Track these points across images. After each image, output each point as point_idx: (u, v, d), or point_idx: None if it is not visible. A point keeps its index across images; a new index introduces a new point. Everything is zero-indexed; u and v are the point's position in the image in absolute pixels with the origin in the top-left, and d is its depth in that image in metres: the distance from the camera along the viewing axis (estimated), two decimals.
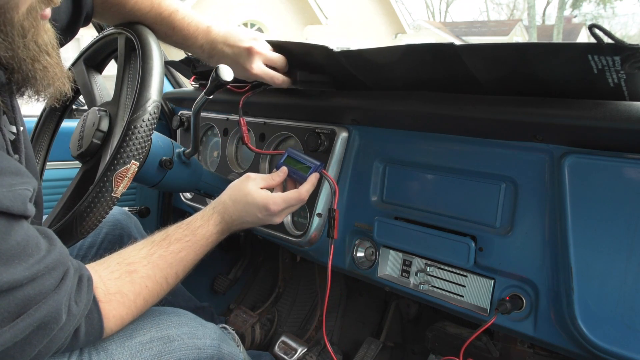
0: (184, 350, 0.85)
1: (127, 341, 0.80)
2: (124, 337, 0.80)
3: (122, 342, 0.80)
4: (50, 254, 0.64)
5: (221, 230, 0.96)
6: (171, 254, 0.86)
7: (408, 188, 1.03)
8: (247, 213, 0.98)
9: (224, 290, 1.83)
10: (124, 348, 0.79)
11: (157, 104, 0.87)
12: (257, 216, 0.98)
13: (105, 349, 0.78)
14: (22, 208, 0.60)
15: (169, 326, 0.86)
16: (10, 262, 0.57)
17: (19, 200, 0.59)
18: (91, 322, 0.72)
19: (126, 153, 0.83)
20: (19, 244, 0.59)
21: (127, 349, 0.79)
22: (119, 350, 0.78)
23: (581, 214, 0.77)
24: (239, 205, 0.98)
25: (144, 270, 0.81)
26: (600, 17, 20.35)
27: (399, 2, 16.99)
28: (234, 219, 0.97)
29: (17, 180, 0.60)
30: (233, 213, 0.97)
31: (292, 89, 1.16)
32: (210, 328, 0.92)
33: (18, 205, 0.59)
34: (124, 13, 1.00)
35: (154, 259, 0.84)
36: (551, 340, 0.84)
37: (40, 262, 0.61)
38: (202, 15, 1.07)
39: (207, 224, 0.95)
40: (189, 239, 0.91)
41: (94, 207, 0.83)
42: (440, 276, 1.00)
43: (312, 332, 1.59)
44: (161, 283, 0.84)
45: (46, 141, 1.15)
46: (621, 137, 0.73)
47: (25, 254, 0.60)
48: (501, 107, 0.83)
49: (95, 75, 1.11)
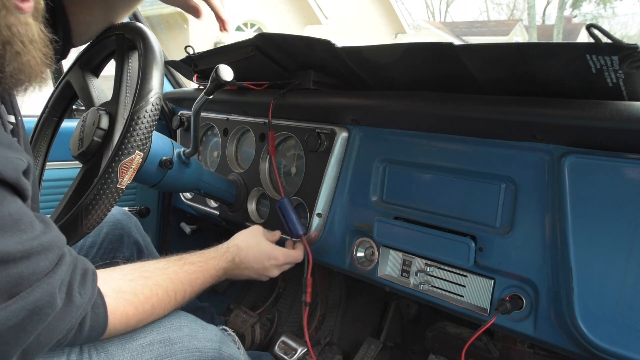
0: (185, 353, 0.85)
1: (128, 343, 0.80)
2: (124, 339, 0.80)
3: (123, 344, 0.80)
4: (46, 235, 0.63)
5: (228, 269, 1.03)
6: (184, 273, 0.91)
7: (408, 188, 1.03)
8: (255, 260, 1.08)
9: (223, 290, 1.83)
10: (124, 350, 0.79)
11: (159, 95, 0.88)
12: (263, 264, 1.09)
13: (106, 350, 0.78)
14: (14, 175, 0.58)
15: (170, 329, 0.86)
16: (1, 233, 0.56)
17: (10, 167, 0.58)
18: (96, 316, 0.71)
19: (130, 144, 0.84)
20: (12, 215, 0.58)
21: (128, 351, 0.79)
22: (119, 352, 0.78)
23: (581, 214, 0.77)
24: (251, 250, 1.08)
25: (158, 279, 0.85)
26: (600, 17, 20.35)
27: (399, 2, 17.02)
28: (243, 262, 1.06)
29: (10, 153, 0.59)
30: (244, 257, 1.06)
31: (292, 89, 1.16)
32: (210, 330, 0.93)
33: (10, 172, 0.57)
34: None
35: (168, 272, 0.88)
36: (551, 340, 0.84)
37: (34, 240, 0.60)
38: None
39: (219, 258, 1.02)
40: (202, 265, 0.96)
41: (99, 199, 0.83)
42: (440, 276, 1.00)
43: (312, 332, 1.59)
44: (171, 296, 0.86)
45: (45, 142, 1.15)
46: (621, 137, 0.73)
47: (18, 229, 0.58)
48: (501, 107, 0.83)
49: (92, 78, 1.11)
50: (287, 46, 1.09)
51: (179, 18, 10.88)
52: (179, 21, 10.99)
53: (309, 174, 1.19)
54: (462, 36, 19.61)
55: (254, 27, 12.57)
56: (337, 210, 1.14)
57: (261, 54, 1.13)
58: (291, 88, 1.17)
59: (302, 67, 1.16)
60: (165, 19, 10.93)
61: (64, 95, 1.15)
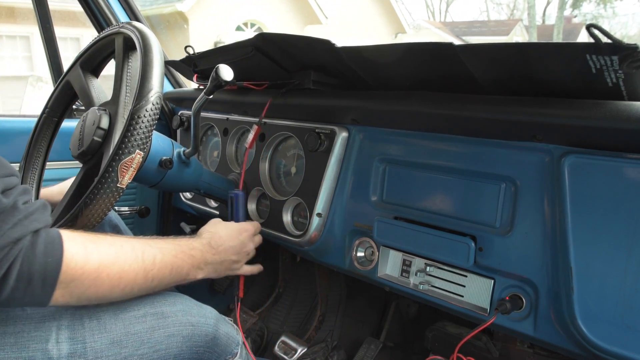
0: (177, 326, 0.86)
1: (121, 313, 0.81)
2: (118, 309, 0.81)
3: (116, 314, 0.81)
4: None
5: (205, 251, 1.00)
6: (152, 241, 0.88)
7: (408, 188, 1.03)
8: (229, 237, 1.07)
9: (223, 290, 1.83)
10: (117, 319, 0.80)
11: (159, 94, 0.88)
12: (238, 239, 1.09)
13: (99, 318, 0.79)
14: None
15: (164, 304, 0.87)
16: None
17: None
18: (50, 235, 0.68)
19: (131, 143, 0.84)
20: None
21: (121, 321, 0.80)
22: (112, 321, 0.79)
23: (581, 213, 0.77)
24: (222, 231, 1.07)
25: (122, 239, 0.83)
26: (601, 17, 20.33)
27: (399, 2, 17.01)
28: (219, 243, 1.04)
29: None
30: (218, 239, 1.04)
31: (292, 89, 1.16)
32: (206, 309, 0.94)
33: None
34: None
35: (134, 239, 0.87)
36: (551, 340, 0.84)
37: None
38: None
39: (190, 239, 1.00)
40: (172, 240, 0.94)
41: (99, 198, 0.83)
42: (440, 276, 1.00)
43: (312, 332, 1.59)
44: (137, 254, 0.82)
45: (45, 142, 1.15)
46: (621, 137, 0.73)
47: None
48: (501, 107, 0.83)
49: (92, 78, 1.11)
50: (287, 46, 1.09)
51: (179, 18, 10.88)
52: (179, 21, 10.99)
53: (309, 174, 1.19)
54: (462, 36, 19.59)
55: (254, 27, 12.57)
56: (337, 210, 1.14)
57: (261, 54, 1.13)
58: (291, 88, 1.17)
59: (302, 67, 1.16)
60: (165, 19, 10.93)
61: (64, 95, 1.15)
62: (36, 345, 0.73)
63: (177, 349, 0.86)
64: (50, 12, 1.66)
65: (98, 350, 0.77)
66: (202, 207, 1.51)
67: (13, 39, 9.08)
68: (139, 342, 0.81)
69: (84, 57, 1.11)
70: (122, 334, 0.80)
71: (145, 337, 0.82)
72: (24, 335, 0.73)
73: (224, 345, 0.94)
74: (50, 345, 0.73)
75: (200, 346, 0.89)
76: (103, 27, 1.68)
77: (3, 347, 0.71)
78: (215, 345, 0.92)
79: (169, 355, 0.84)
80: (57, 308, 0.78)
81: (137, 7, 1.73)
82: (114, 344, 0.78)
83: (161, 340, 0.83)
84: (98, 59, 1.12)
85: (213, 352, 0.92)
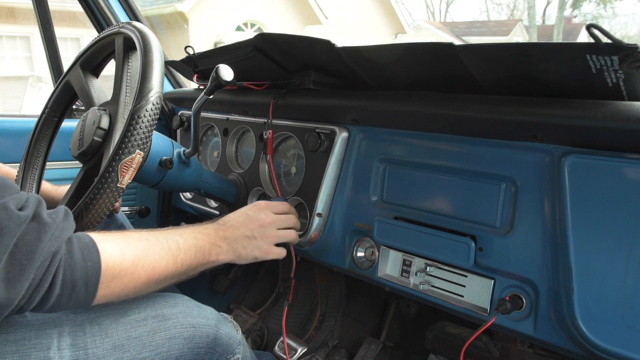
0: (179, 329, 0.86)
1: (122, 317, 0.82)
2: (119, 313, 0.82)
3: (117, 318, 0.81)
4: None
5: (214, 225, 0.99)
6: (169, 230, 0.90)
7: (408, 188, 1.03)
8: (236, 213, 1.03)
9: (223, 290, 1.83)
10: (118, 324, 0.80)
11: (160, 94, 0.88)
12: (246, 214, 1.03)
13: (100, 323, 0.79)
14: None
15: (164, 306, 0.87)
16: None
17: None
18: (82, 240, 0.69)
19: (131, 143, 0.84)
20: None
21: (122, 325, 0.81)
22: (113, 326, 0.80)
23: (581, 213, 0.77)
24: (233, 215, 1.03)
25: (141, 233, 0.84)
26: (601, 17, 20.33)
27: (399, 2, 17.02)
28: (225, 220, 1.01)
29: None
30: (225, 217, 1.02)
31: (292, 89, 1.16)
32: (206, 310, 0.94)
33: None
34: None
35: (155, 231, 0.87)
36: (551, 340, 0.84)
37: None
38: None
39: (204, 225, 0.99)
40: (185, 227, 0.95)
41: (99, 198, 0.83)
42: (440, 276, 1.00)
43: (312, 332, 1.59)
44: (161, 241, 0.84)
45: (45, 142, 1.15)
46: (621, 137, 0.73)
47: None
48: (501, 107, 0.83)
49: (92, 79, 1.11)
50: (287, 46, 1.09)
51: (179, 18, 10.88)
52: (179, 21, 10.99)
53: (309, 174, 1.19)
54: (462, 36, 19.60)
55: (254, 27, 12.57)
56: (337, 210, 1.14)
57: (261, 54, 1.13)
58: (291, 88, 1.17)
59: (302, 67, 1.16)
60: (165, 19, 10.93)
61: (64, 95, 1.15)
62: (37, 353, 0.72)
63: (179, 351, 0.86)
64: (50, 12, 1.66)
65: (100, 356, 0.77)
66: (202, 207, 1.51)
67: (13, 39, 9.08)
68: (140, 346, 0.81)
69: (84, 57, 1.10)
70: (124, 338, 0.80)
71: (146, 341, 0.82)
72: (25, 343, 0.72)
73: (225, 345, 0.94)
74: (52, 352, 0.73)
75: (202, 347, 0.89)
76: (103, 27, 1.68)
77: (4, 355, 0.71)
78: (216, 345, 0.92)
79: (171, 357, 0.85)
80: (57, 315, 0.78)
81: (137, 7, 1.73)
82: (115, 349, 0.78)
83: (162, 343, 0.83)
84: (98, 59, 1.12)
85: (214, 353, 0.92)
